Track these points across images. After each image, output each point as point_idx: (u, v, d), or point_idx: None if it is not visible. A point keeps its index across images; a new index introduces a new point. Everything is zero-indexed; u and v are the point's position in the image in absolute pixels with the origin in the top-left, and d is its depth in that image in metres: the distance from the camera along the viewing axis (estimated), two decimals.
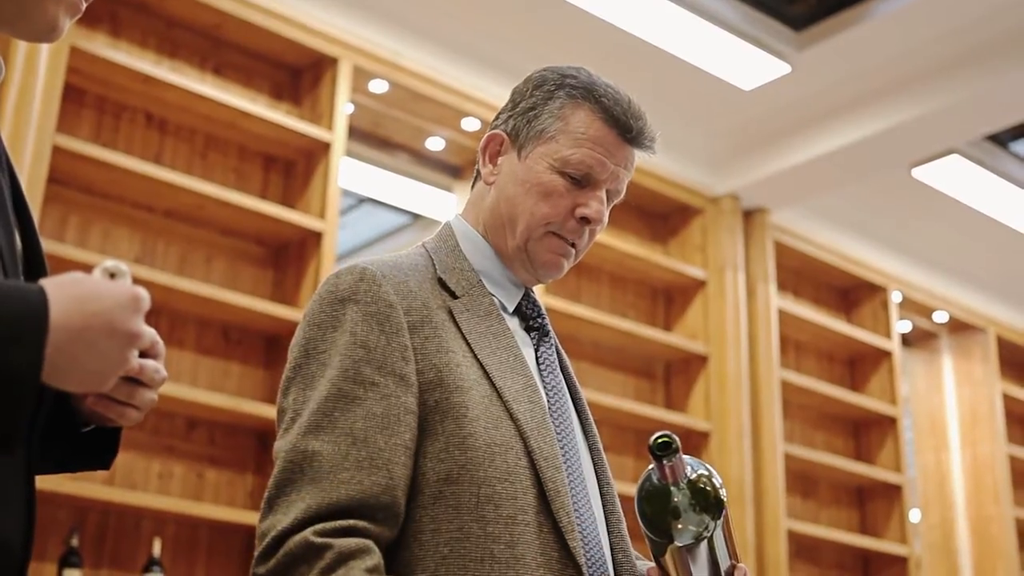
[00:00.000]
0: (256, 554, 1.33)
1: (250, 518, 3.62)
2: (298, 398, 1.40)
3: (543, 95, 1.59)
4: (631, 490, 1.43)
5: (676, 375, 5.17)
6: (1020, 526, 6.28)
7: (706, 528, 1.37)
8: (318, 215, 3.92)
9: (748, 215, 5.36)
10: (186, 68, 3.97)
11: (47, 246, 1.22)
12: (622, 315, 5.04)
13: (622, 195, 1.62)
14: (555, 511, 1.40)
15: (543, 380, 1.54)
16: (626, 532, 1.54)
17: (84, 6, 1.18)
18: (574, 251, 1.59)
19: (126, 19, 3.88)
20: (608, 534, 1.50)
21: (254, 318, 3.79)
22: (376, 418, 1.37)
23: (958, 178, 5.39)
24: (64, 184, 3.62)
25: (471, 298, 1.53)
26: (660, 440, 1.34)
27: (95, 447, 1.24)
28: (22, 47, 3.33)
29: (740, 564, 1.44)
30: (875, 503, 5.69)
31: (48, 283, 0.95)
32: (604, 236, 4.87)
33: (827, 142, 4.93)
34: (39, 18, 1.15)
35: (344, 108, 4.06)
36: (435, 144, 4.66)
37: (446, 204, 4.80)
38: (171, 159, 3.89)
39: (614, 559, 1.49)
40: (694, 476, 1.39)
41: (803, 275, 5.87)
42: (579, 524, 1.44)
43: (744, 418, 4.96)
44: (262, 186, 4.09)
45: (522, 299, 1.60)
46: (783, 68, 4.61)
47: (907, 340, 6.53)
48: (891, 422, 5.73)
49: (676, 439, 1.35)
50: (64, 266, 2.75)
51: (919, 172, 5.34)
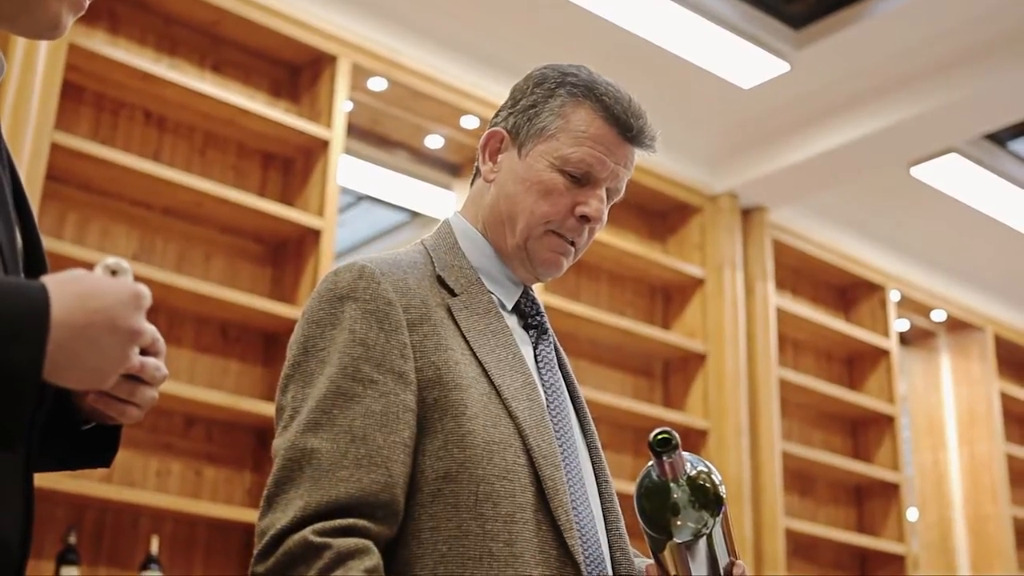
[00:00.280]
0: (255, 552, 1.32)
1: (248, 516, 3.62)
2: (297, 395, 1.39)
3: (544, 93, 1.58)
4: (630, 488, 1.42)
5: (674, 373, 5.17)
6: (1017, 525, 6.28)
7: (705, 525, 1.36)
8: (317, 213, 3.92)
9: (747, 213, 5.36)
10: (185, 65, 3.97)
11: (45, 243, 1.22)
12: (620, 313, 5.04)
13: (621, 193, 1.61)
14: (553, 509, 1.40)
15: (541, 378, 1.54)
16: (624, 531, 1.53)
17: (87, 3, 1.17)
18: (573, 250, 1.59)
19: (125, 16, 3.87)
20: (606, 532, 1.50)
21: (252, 316, 3.79)
22: (375, 416, 1.36)
23: (957, 177, 5.40)
24: (62, 181, 3.62)
25: (470, 296, 1.52)
26: (660, 436, 1.34)
27: (95, 445, 1.24)
28: (21, 44, 3.32)
29: (739, 561, 1.44)
30: (873, 502, 5.69)
31: (49, 280, 0.95)
32: (603, 234, 4.87)
33: (826, 141, 4.93)
34: (42, 15, 1.15)
35: (343, 106, 4.06)
36: (434, 142, 4.65)
37: (445, 202, 4.79)
38: (170, 156, 3.89)
39: (612, 557, 1.49)
40: (694, 473, 1.38)
41: (801, 273, 5.87)
42: (577, 522, 1.43)
43: (742, 416, 4.96)
44: (261, 183, 4.08)
45: (521, 297, 1.60)
46: (782, 67, 4.61)
47: (905, 339, 6.53)
48: (889, 421, 5.73)
49: (676, 435, 1.34)
50: (62, 263, 2.74)
51: (918, 171, 5.34)
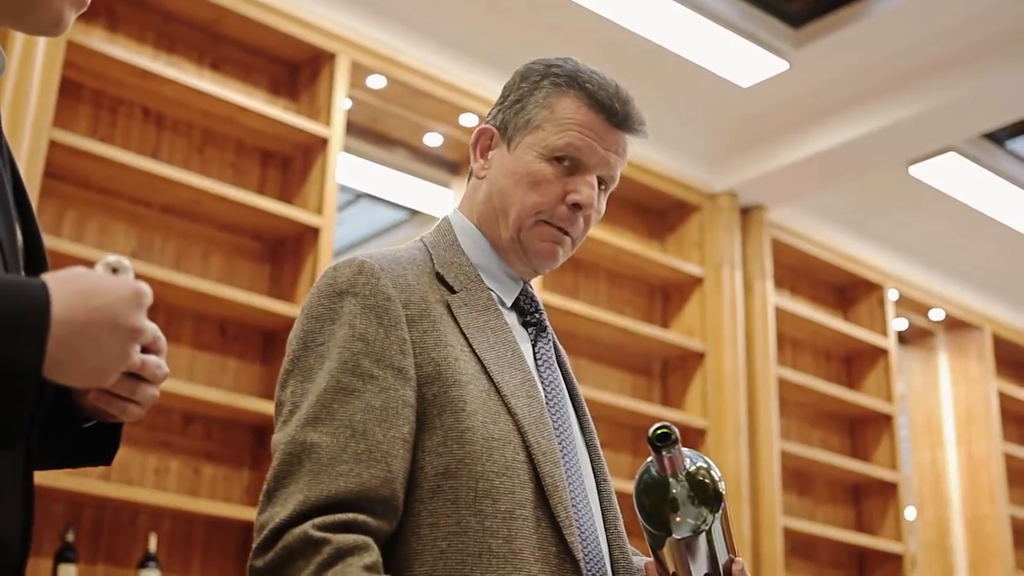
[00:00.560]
0: (254, 546, 1.32)
1: (246, 514, 3.62)
2: (296, 391, 1.39)
3: (529, 86, 1.59)
4: (628, 487, 1.42)
5: (673, 372, 5.17)
6: (1015, 524, 6.28)
7: (704, 521, 1.36)
8: (315, 211, 3.91)
9: (745, 212, 5.35)
10: (183, 63, 3.96)
11: (43, 241, 1.22)
12: (619, 312, 5.03)
13: (615, 181, 1.61)
14: (553, 506, 1.40)
15: (540, 375, 1.53)
16: (623, 529, 1.53)
17: (89, 0, 1.17)
18: (569, 239, 1.58)
19: (123, 14, 3.87)
20: (605, 531, 1.50)
21: (251, 313, 3.79)
22: (375, 411, 1.36)
23: (955, 176, 5.40)
24: (61, 179, 3.61)
25: (469, 292, 1.52)
26: (659, 431, 1.33)
27: (96, 443, 1.23)
28: (19, 41, 3.31)
29: (738, 558, 1.43)
30: (871, 501, 5.69)
31: (50, 278, 0.95)
32: (601, 232, 4.87)
33: (825, 139, 4.93)
34: (44, 12, 1.15)
35: (342, 104, 4.05)
36: (433, 140, 4.65)
37: (444, 200, 4.79)
38: (168, 154, 3.88)
39: (611, 556, 1.48)
40: (693, 468, 1.37)
41: (800, 272, 5.87)
42: (577, 520, 1.43)
43: (741, 415, 4.96)
44: (259, 181, 4.08)
45: (520, 294, 1.60)
46: (781, 65, 4.61)
47: (903, 338, 6.52)
48: (887, 420, 5.74)
49: (675, 430, 1.33)
50: (60, 261, 2.73)
51: (916, 170, 5.34)
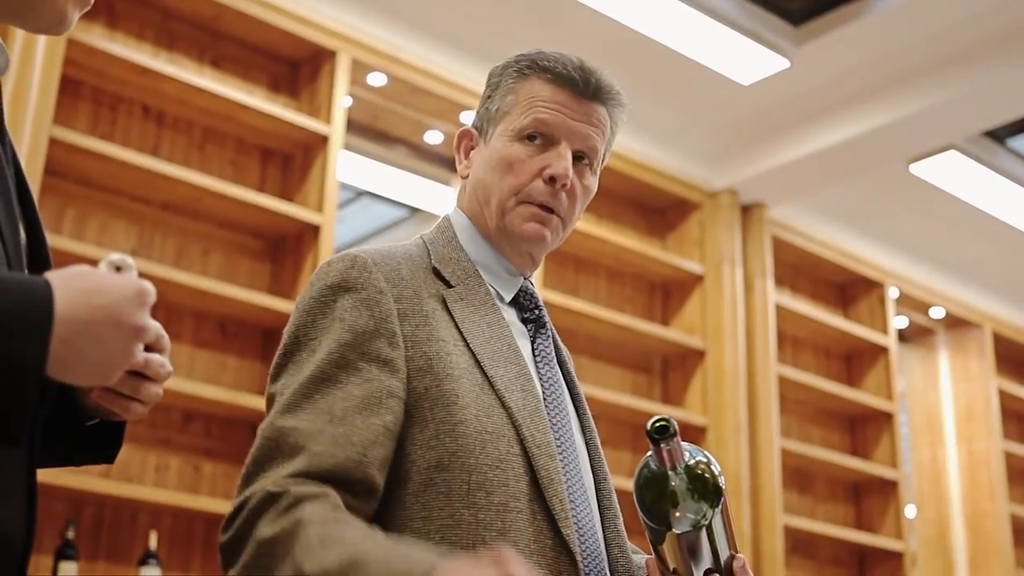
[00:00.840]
0: (222, 524, 1.29)
1: None
2: (286, 383, 1.38)
3: (496, 81, 1.61)
4: (629, 484, 1.41)
5: (673, 370, 5.17)
6: (1015, 522, 6.29)
7: (704, 516, 1.35)
8: (316, 208, 3.91)
9: (746, 210, 5.35)
10: (184, 60, 3.96)
11: None
12: (619, 309, 5.03)
13: (598, 154, 1.59)
14: (548, 499, 1.39)
15: (539, 371, 1.53)
16: (622, 527, 1.52)
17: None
18: (556, 218, 1.56)
19: (123, 11, 3.86)
20: (603, 529, 1.49)
21: (251, 311, 3.79)
22: (356, 399, 1.34)
23: (956, 174, 5.39)
24: (61, 176, 3.61)
25: (466, 287, 1.52)
26: (658, 423, 1.32)
27: (99, 441, 1.23)
28: (19, 39, 3.30)
29: (739, 555, 1.42)
30: (871, 499, 5.69)
31: (53, 276, 0.95)
32: (602, 230, 4.87)
33: (825, 137, 4.93)
34: (48, 11, 1.15)
35: (342, 101, 4.05)
36: (433, 138, 4.65)
37: (444, 198, 4.79)
38: (168, 152, 3.88)
39: (609, 554, 1.47)
40: (692, 462, 1.36)
41: (800, 270, 5.87)
42: (574, 513, 1.42)
43: (741, 413, 4.96)
44: (260, 179, 4.08)
45: (519, 291, 1.60)
46: (782, 63, 4.60)
47: (904, 336, 6.53)
48: (887, 418, 5.74)
49: (674, 423, 1.32)
50: (61, 258, 2.73)
51: (917, 168, 5.33)
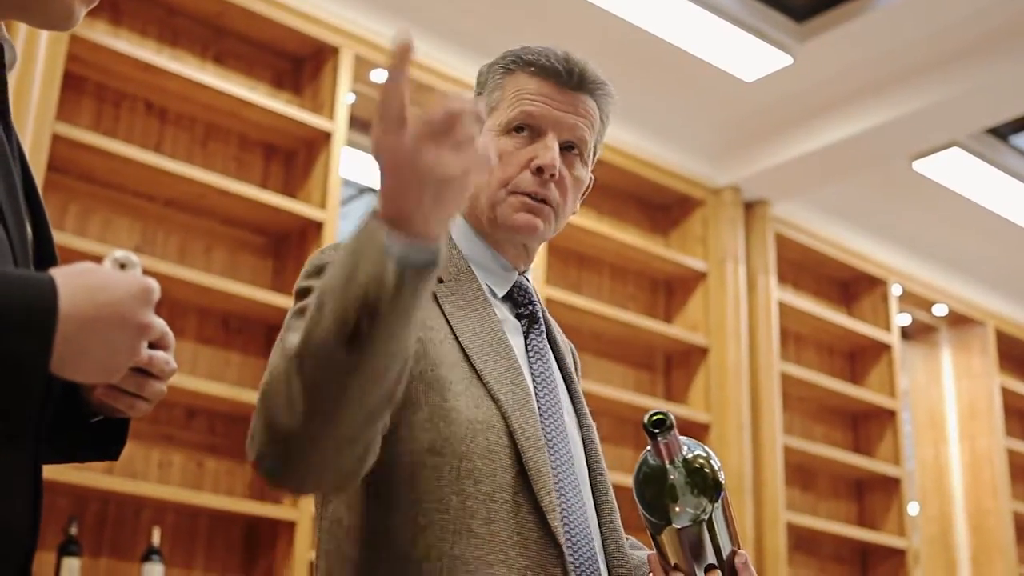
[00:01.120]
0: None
1: (250, 507, 3.62)
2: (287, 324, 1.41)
3: (484, 78, 1.63)
4: (631, 481, 1.41)
5: (676, 367, 5.17)
6: (1018, 519, 6.28)
7: (704, 511, 1.34)
8: (319, 205, 3.91)
9: (749, 207, 5.35)
10: (187, 57, 3.95)
11: None
12: (622, 307, 5.03)
13: (588, 145, 1.59)
14: (536, 491, 1.39)
15: (531, 366, 1.53)
16: (619, 522, 1.52)
17: None
18: (548, 208, 1.55)
19: (127, 7, 3.86)
20: (600, 525, 1.49)
21: (254, 308, 3.78)
22: None
23: (959, 171, 5.38)
24: (64, 172, 3.61)
25: (458, 283, 1.52)
26: (655, 417, 1.32)
27: (103, 438, 1.23)
28: (22, 35, 3.30)
29: (741, 550, 1.42)
30: (874, 496, 5.69)
31: (58, 273, 0.95)
32: (605, 227, 4.87)
33: (828, 134, 4.92)
34: (55, 6, 1.15)
35: (345, 98, 4.05)
36: None
37: None
38: (171, 148, 3.88)
39: (606, 549, 1.48)
40: (690, 456, 1.36)
41: (803, 267, 5.86)
42: (565, 508, 1.42)
43: (744, 410, 4.96)
44: (263, 175, 4.08)
45: (513, 286, 1.60)
46: (785, 60, 4.60)
47: (906, 333, 6.52)
48: (890, 415, 5.73)
49: (671, 416, 1.32)
50: (63, 255, 2.73)
51: (920, 165, 5.33)
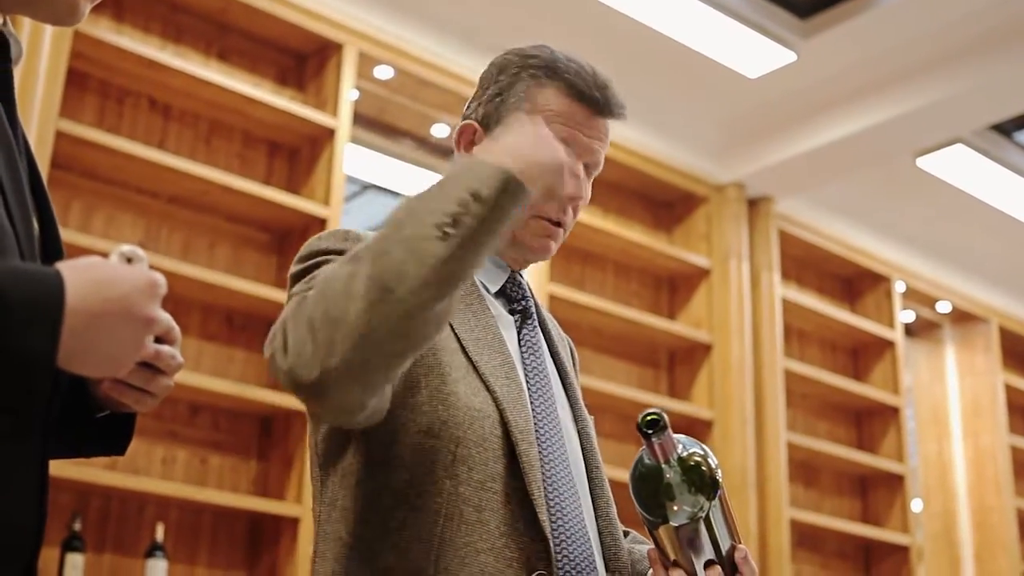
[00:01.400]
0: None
1: (253, 504, 3.62)
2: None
3: (508, 79, 1.58)
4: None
5: (680, 364, 5.17)
6: (1021, 516, 6.28)
7: (701, 508, 1.35)
8: (322, 201, 3.91)
9: (753, 204, 5.34)
10: (190, 53, 3.95)
11: None
12: (626, 303, 5.03)
13: (600, 167, 1.61)
14: (527, 483, 1.40)
15: (524, 361, 1.54)
16: (615, 516, 1.53)
17: None
18: (561, 230, 1.58)
19: (130, 4, 3.86)
20: (596, 519, 1.50)
21: (258, 304, 3.79)
22: None
23: (963, 168, 5.38)
24: (67, 169, 3.61)
25: None
26: (648, 417, 1.32)
27: (110, 433, 1.23)
28: (26, 31, 3.30)
29: (740, 545, 1.42)
30: (877, 492, 5.69)
31: (65, 267, 0.95)
32: (608, 224, 4.86)
33: (832, 131, 4.92)
34: (60, 2, 1.15)
35: (349, 94, 4.05)
36: (440, 131, 4.64)
37: None
38: (175, 145, 3.88)
39: (603, 543, 1.48)
40: (685, 454, 1.36)
41: (807, 264, 5.86)
42: (557, 501, 1.43)
43: (747, 407, 4.96)
44: (266, 172, 4.08)
45: (507, 282, 1.60)
46: (789, 56, 4.59)
47: (910, 330, 6.52)
48: (894, 412, 5.73)
49: (664, 416, 1.32)
50: (67, 251, 2.73)
51: (924, 162, 5.32)
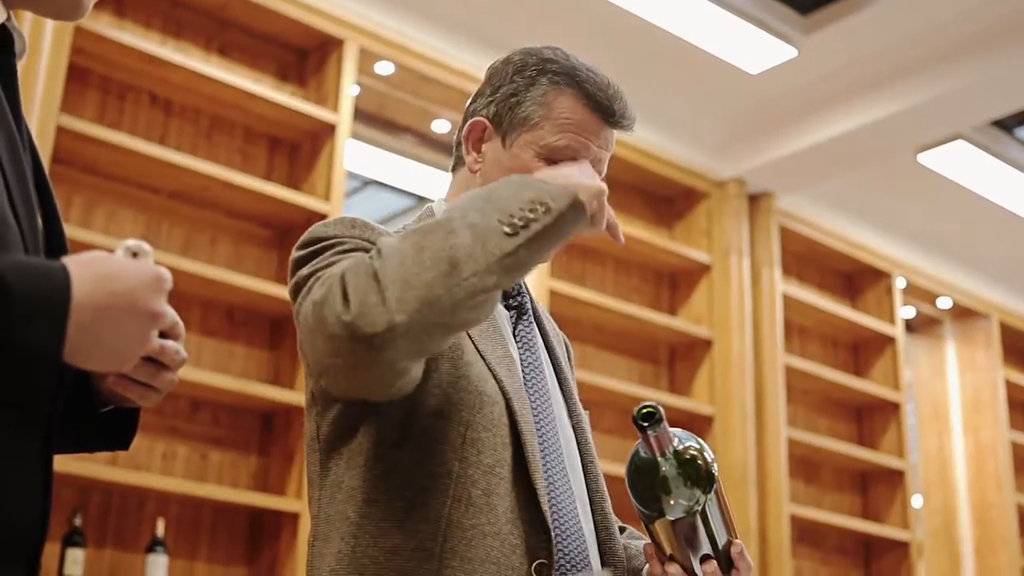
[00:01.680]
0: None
1: (254, 499, 3.62)
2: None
3: (525, 81, 1.58)
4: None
5: (680, 359, 5.17)
6: (1021, 512, 6.28)
7: (697, 502, 1.34)
8: (323, 197, 3.91)
9: (753, 199, 5.34)
10: (191, 49, 3.95)
11: None
12: (626, 299, 5.03)
13: (603, 175, 1.62)
14: (531, 473, 1.41)
15: (520, 356, 1.55)
16: (610, 510, 1.54)
17: None
18: None
19: None
20: (592, 513, 1.51)
21: (259, 300, 3.78)
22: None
23: (964, 164, 5.37)
24: (68, 164, 3.61)
25: None
26: (644, 410, 1.31)
27: (114, 427, 1.23)
28: (27, 26, 3.30)
29: (736, 540, 1.42)
30: (877, 488, 5.69)
31: (70, 261, 0.94)
32: None
33: (833, 127, 4.92)
34: None
35: (350, 90, 4.04)
36: (441, 126, 4.64)
37: None
38: (176, 140, 3.88)
39: (598, 537, 1.49)
40: (681, 448, 1.36)
41: (808, 260, 5.86)
42: (552, 493, 1.44)
43: (748, 403, 4.96)
44: (267, 168, 4.07)
45: None
46: (790, 52, 4.59)
47: (911, 326, 6.52)
48: (894, 408, 5.73)
49: (660, 409, 1.31)
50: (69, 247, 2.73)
51: (925, 157, 5.32)
